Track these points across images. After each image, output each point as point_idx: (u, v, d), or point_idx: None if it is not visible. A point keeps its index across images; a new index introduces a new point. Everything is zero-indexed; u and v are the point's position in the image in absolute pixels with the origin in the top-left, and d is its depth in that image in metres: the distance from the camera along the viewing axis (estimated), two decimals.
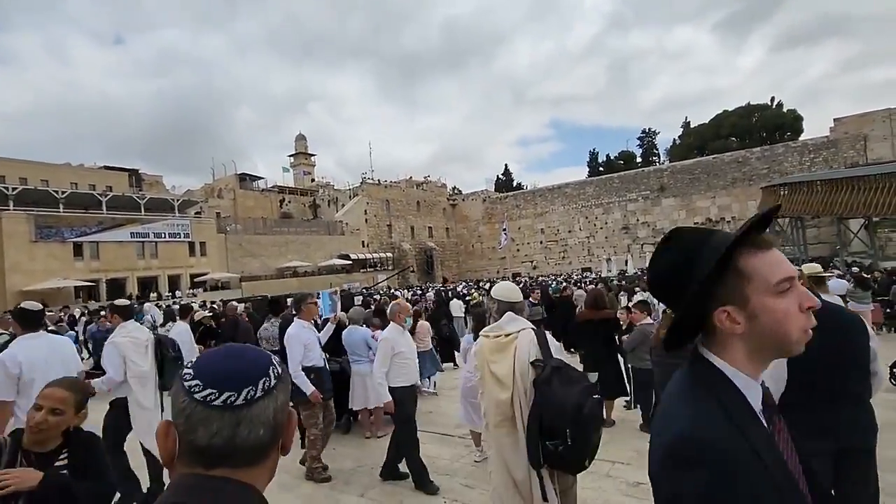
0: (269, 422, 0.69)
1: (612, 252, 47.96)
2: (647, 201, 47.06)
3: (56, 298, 25.66)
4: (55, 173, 34.12)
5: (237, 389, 0.67)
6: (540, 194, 55.01)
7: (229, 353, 0.74)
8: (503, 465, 2.93)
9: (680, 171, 45.64)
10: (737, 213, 42.19)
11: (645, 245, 46.30)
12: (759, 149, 42.67)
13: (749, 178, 41.25)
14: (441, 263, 53.38)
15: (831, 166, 36.31)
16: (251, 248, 38.55)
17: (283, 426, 0.73)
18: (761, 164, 40.81)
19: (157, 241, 32.35)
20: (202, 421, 0.66)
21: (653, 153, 63.82)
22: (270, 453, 0.73)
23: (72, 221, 28.71)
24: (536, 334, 2.88)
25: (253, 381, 0.69)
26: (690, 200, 44.69)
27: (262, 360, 0.73)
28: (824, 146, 38.04)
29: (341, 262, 42.37)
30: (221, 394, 0.67)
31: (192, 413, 0.66)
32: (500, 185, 69.53)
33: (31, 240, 26.86)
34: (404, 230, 52.73)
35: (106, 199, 30.80)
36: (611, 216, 49.29)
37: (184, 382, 0.69)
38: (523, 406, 2.83)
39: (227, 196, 45.71)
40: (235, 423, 0.66)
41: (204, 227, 35.34)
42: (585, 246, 50.69)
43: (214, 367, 0.70)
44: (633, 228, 47.93)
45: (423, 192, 56.76)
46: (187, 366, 0.72)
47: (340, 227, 46.37)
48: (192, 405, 0.67)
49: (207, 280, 34.08)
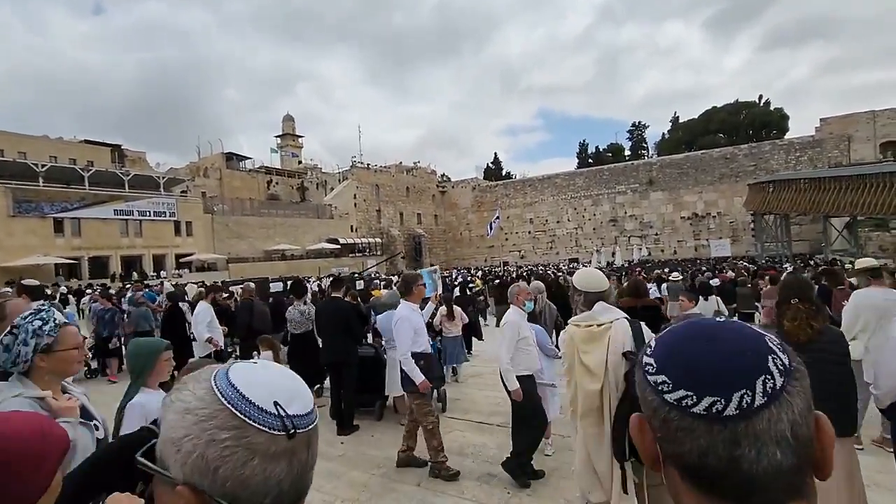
0: (786, 439, 0.47)
1: (600, 244, 48.54)
2: (636, 194, 47.55)
3: (35, 276, 24.46)
4: (33, 145, 32.63)
5: (725, 394, 0.47)
6: (530, 184, 55.11)
7: (707, 333, 0.52)
8: (586, 455, 2.92)
9: (669, 165, 46.15)
10: (722, 209, 43.03)
11: (632, 238, 46.94)
12: (746, 146, 43.41)
13: (736, 174, 41.98)
14: (429, 251, 53.24)
15: (815, 165, 37.19)
16: (238, 229, 37.76)
17: (809, 443, 0.49)
18: (748, 161, 41.53)
19: (141, 220, 31.38)
20: (685, 431, 0.49)
21: (642, 146, 64.39)
22: (802, 485, 0.49)
23: (52, 196, 27.59)
24: (631, 325, 2.83)
25: (747, 381, 0.48)
26: (678, 195, 45.30)
27: (757, 346, 0.50)
28: (809, 145, 38.89)
29: (330, 247, 41.88)
30: (701, 398, 0.48)
31: (667, 417, 0.50)
32: (489, 174, 69.43)
33: (8, 214, 25.73)
34: (393, 216, 52.32)
35: (88, 174, 29.67)
36: (599, 208, 49.70)
37: (647, 375, 0.53)
38: (612, 398, 2.80)
39: (213, 175, 44.50)
40: (732, 440, 0.47)
41: (190, 206, 34.41)
42: (573, 237, 51.10)
43: (688, 356, 0.51)
44: (621, 221, 48.46)
45: (413, 177, 56.29)
46: (647, 352, 0.55)
47: (329, 211, 45.77)
48: (666, 408, 0.50)
49: (193, 261, 33.33)
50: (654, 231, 46.48)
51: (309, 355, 6.20)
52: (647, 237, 46.48)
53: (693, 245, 44.10)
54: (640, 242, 45.54)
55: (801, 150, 39.13)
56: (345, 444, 4.93)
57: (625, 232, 48.00)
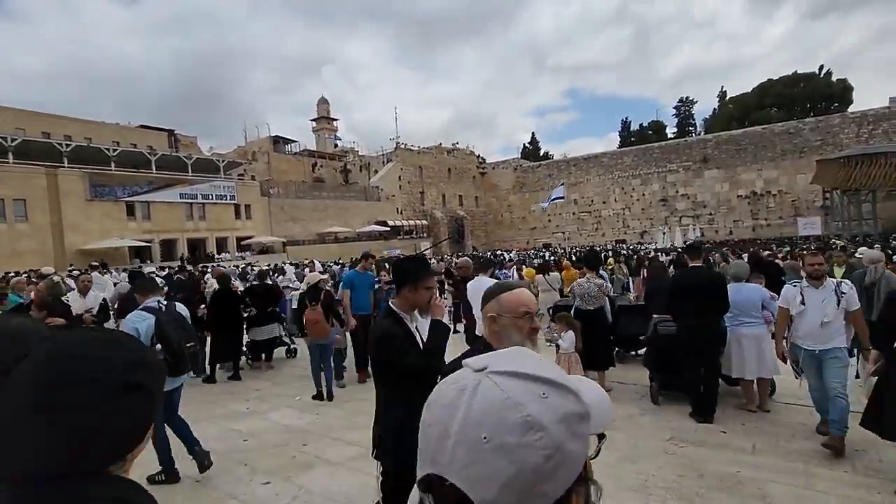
0: None
1: (650, 224, 47.37)
2: (689, 172, 45.99)
3: (113, 258, 25.42)
4: (97, 131, 33.29)
5: None
6: (574, 163, 53.88)
7: None
8: None
9: (726, 141, 44.36)
10: (784, 187, 41.26)
11: (683, 218, 45.60)
12: (812, 119, 41.31)
13: (800, 150, 40.09)
14: (471, 233, 52.88)
15: (892, 139, 35.12)
16: (293, 212, 38.04)
17: None
18: (814, 136, 39.55)
19: (204, 203, 31.85)
20: None
21: (689, 123, 62.11)
22: None
23: (123, 180, 28.16)
24: None
25: None
26: (735, 172, 43.62)
27: None
28: (885, 117, 36.73)
29: (380, 229, 41.94)
30: None
31: None
32: (526, 154, 68.23)
33: (86, 198, 26.39)
34: (436, 198, 52.01)
35: (155, 158, 30.15)
36: (649, 187, 48.29)
37: None
38: None
39: (262, 159, 44.88)
40: None
41: (248, 189, 34.77)
42: (620, 217, 49.93)
43: None
44: (672, 201, 47.02)
45: (454, 158, 55.71)
46: None
47: (377, 193, 45.73)
48: None
49: (253, 243, 33.78)
50: (709, 211, 45.00)
51: (600, 331, 5.75)
52: (701, 217, 45.07)
53: (751, 225, 42.59)
54: (692, 223, 44.24)
55: (874, 123, 37.01)
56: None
57: (675, 212, 46.61)
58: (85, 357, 0.69)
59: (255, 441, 4.66)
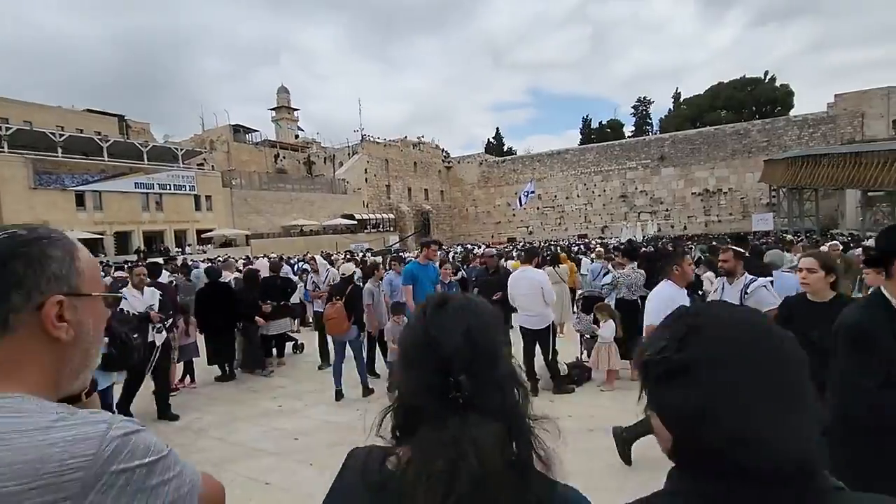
0: None
1: (610, 220, 49.07)
2: (647, 170, 47.93)
3: None
4: (39, 114, 30.61)
5: None
6: (538, 159, 54.92)
7: None
8: None
9: (681, 140, 46.52)
10: (734, 185, 43.83)
11: (642, 214, 47.51)
12: (760, 121, 44.04)
13: (749, 150, 42.66)
14: (436, 226, 52.88)
15: (828, 142, 38.05)
16: (256, 204, 36.64)
17: None
18: (762, 137, 42.21)
19: (161, 193, 30.08)
20: None
21: (646, 122, 64.65)
22: None
23: (72, 168, 26.10)
24: None
25: None
26: (689, 171, 45.86)
27: None
28: (823, 121, 39.69)
29: (346, 222, 41.14)
30: None
31: None
32: (490, 150, 68.82)
33: (29, 186, 24.27)
34: (402, 191, 51.58)
35: (107, 144, 28.11)
36: (609, 184, 49.96)
37: None
38: None
39: (221, 148, 42.87)
40: None
41: (209, 179, 33.12)
42: (583, 213, 51.40)
43: None
44: (632, 197, 48.90)
45: (420, 152, 55.40)
46: None
47: (343, 186, 44.78)
48: None
49: (215, 236, 32.28)
50: (665, 207, 47.11)
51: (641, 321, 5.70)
52: (658, 213, 47.10)
53: (703, 221, 44.95)
54: (651, 218, 46.18)
55: (814, 126, 39.92)
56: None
57: (635, 208, 48.51)
58: None
59: (307, 440, 4.46)
